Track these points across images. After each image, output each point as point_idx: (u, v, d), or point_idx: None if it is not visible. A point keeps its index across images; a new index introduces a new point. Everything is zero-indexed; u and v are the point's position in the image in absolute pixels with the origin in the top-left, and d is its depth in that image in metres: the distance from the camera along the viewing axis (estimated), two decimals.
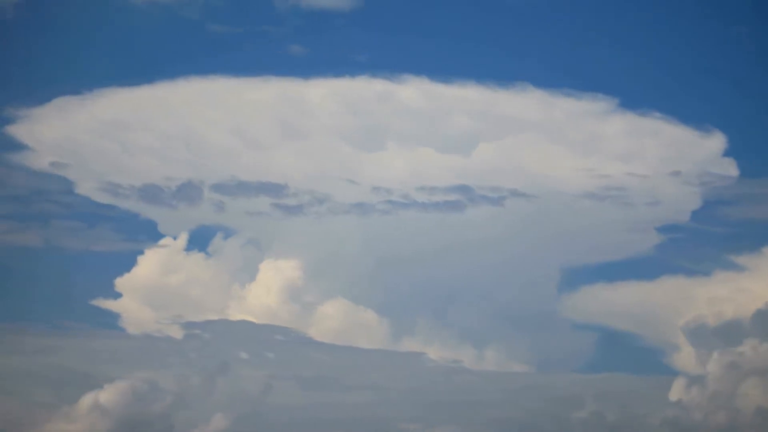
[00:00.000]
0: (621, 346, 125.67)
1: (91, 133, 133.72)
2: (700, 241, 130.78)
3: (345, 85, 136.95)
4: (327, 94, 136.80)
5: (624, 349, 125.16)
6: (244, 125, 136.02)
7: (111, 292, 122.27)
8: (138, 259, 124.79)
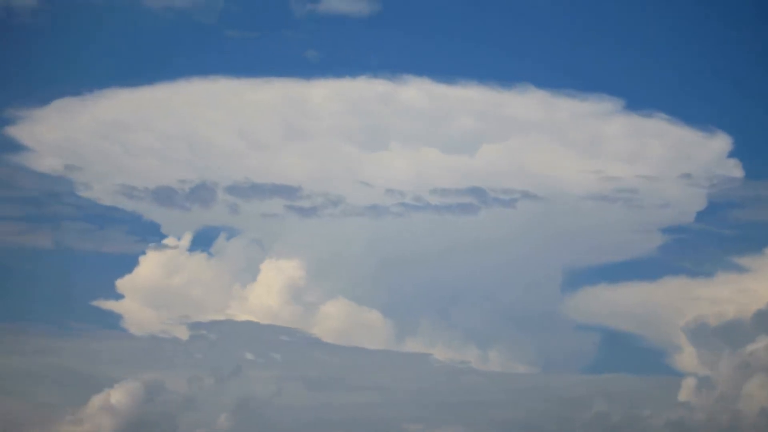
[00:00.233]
0: (623, 346, 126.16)
1: (93, 134, 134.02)
2: (703, 243, 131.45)
3: (346, 86, 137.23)
4: (329, 94, 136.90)
5: (626, 350, 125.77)
6: (246, 126, 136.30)
7: (113, 293, 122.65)
8: (140, 260, 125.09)
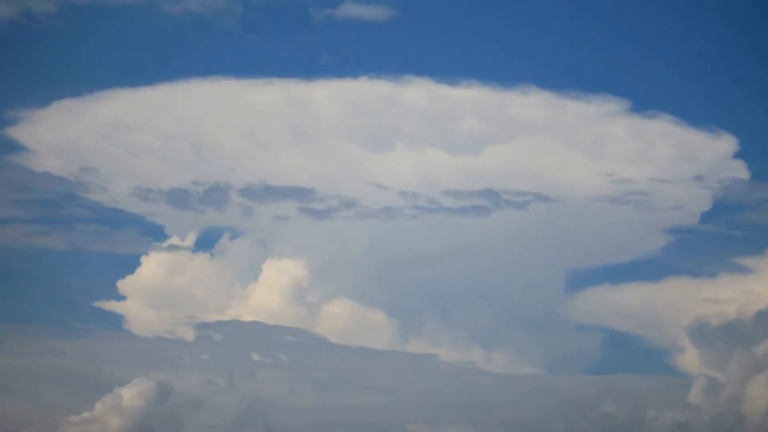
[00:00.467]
0: (626, 347, 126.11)
1: (94, 135, 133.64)
2: (707, 243, 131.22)
3: (348, 86, 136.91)
4: (331, 95, 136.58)
5: (630, 351, 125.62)
6: (249, 127, 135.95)
7: (115, 293, 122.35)
8: (142, 260, 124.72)
